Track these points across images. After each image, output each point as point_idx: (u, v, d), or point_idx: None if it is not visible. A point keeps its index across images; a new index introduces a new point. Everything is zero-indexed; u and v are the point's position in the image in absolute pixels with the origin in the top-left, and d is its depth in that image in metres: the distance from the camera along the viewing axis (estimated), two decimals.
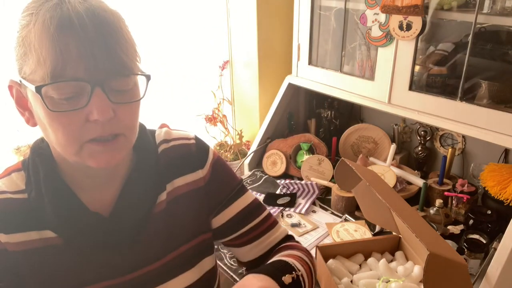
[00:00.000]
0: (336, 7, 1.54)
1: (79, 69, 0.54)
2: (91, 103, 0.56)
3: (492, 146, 1.17)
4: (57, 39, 0.52)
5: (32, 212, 0.64)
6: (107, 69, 0.56)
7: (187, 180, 0.77)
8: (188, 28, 1.79)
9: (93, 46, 0.54)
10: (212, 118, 1.92)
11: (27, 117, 0.64)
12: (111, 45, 0.56)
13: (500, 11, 1.10)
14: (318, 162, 1.58)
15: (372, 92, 1.41)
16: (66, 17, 0.53)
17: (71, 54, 0.53)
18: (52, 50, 0.53)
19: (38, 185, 0.65)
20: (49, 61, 0.53)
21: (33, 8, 0.56)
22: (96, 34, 0.54)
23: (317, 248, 1.09)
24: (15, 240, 0.63)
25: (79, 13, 0.54)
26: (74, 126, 0.57)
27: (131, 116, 0.62)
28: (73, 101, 0.56)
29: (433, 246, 0.70)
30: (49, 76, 0.54)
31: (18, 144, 1.49)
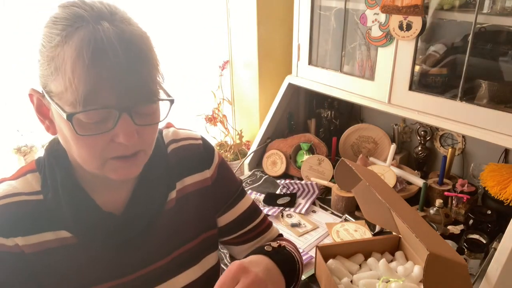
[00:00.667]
0: (336, 7, 1.54)
1: (110, 97, 0.56)
2: (118, 127, 0.58)
3: (492, 146, 1.17)
4: (91, 69, 0.54)
5: (47, 213, 0.66)
6: (136, 97, 0.58)
7: (195, 179, 0.81)
8: (188, 28, 1.79)
9: (125, 76, 0.55)
10: (212, 118, 1.92)
11: (47, 125, 0.65)
12: (141, 74, 0.57)
13: (500, 11, 1.10)
14: (318, 162, 1.58)
15: (372, 92, 1.41)
16: (100, 48, 0.54)
17: (103, 83, 0.55)
18: (85, 80, 0.54)
19: (55, 187, 0.66)
20: (81, 89, 0.54)
21: (64, 27, 0.56)
22: (128, 63, 0.55)
23: (317, 248, 1.09)
24: (31, 242, 0.64)
25: (113, 43, 0.54)
26: (99, 147, 0.59)
27: (152, 134, 0.65)
28: (100, 125, 0.58)
29: (433, 246, 0.70)
30: (80, 104, 0.55)
31: (18, 144, 1.49)
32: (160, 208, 0.74)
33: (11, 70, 1.40)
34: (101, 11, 0.57)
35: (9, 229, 0.63)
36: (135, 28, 0.59)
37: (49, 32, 0.57)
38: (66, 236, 0.67)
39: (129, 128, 0.58)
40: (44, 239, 0.65)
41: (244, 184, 1.63)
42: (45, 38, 0.58)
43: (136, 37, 0.58)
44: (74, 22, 0.56)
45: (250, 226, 0.88)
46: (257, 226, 0.89)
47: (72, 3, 0.59)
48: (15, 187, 0.66)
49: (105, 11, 0.58)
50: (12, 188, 0.66)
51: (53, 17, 0.58)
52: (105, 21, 0.56)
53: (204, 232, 0.83)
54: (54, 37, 0.56)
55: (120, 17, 0.59)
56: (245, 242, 0.89)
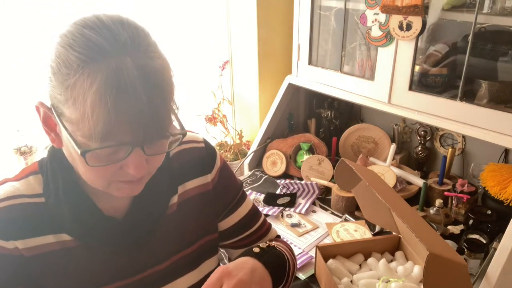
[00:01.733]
0: (336, 7, 1.54)
1: (126, 134, 0.55)
2: (129, 159, 0.57)
3: (492, 146, 1.17)
4: (112, 113, 0.52)
5: (49, 216, 0.66)
6: (151, 134, 0.57)
7: (197, 183, 0.80)
8: (188, 28, 1.79)
9: (144, 116, 0.54)
10: (212, 118, 1.92)
11: (52, 138, 0.63)
12: (160, 113, 0.56)
13: (500, 11, 1.10)
14: (318, 162, 1.58)
15: (372, 92, 1.41)
16: (123, 92, 0.52)
17: (122, 124, 0.53)
18: (104, 121, 0.52)
19: (57, 192, 0.66)
20: (99, 128, 0.53)
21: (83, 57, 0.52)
22: (149, 105, 0.54)
23: (317, 248, 1.09)
24: (31, 245, 0.64)
25: (135, 87, 0.53)
26: (107, 173, 0.59)
27: (160, 161, 0.64)
28: (111, 156, 0.57)
29: (433, 246, 0.70)
30: (95, 140, 0.54)
31: (18, 144, 1.49)
32: (161, 213, 0.74)
33: (11, 70, 1.40)
34: (125, 43, 0.54)
35: (9, 232, 0.63)
36: (156, 62, 0.57)
37: (65, 56, 0.53)
38: (66, 239, 0.66)
39: (140, 160, 0.58)
40: (44, 242, 0.65)
41: (244, 184, 1.63)
42: (59, 60, 0.54)
43: (157, 74, 0.56)
44: (95, 54, 0.52)
45: (251, 231, 0.89)
46: (257, 230, 0.90)
47: (91, 25, 0.55)
48: (18, 189, 0.66)
49: (128, 43, 0.54)
50: (14, 189, 0.66)
51: (70, 38, 0.54)
52: (128, 56, 0.53)
53: (205, 236, 0.82)
54: (72, 65, 0.53)
55: (143, 49, 0.56)
56: (245, 246, 0.89)
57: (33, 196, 0.66)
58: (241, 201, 0.88)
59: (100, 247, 0.68)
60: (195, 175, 0.80)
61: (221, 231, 0.86)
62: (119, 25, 0.56)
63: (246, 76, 1.90)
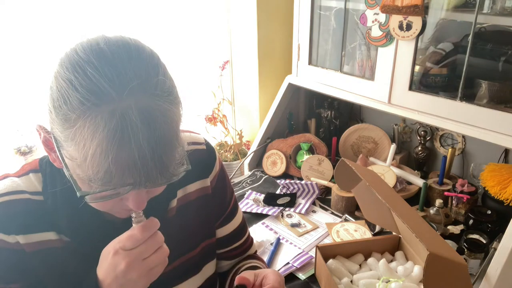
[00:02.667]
0: (336, 7, 1.54)
1: (128, 179, 0.53)
2: (130, 195, 0.57)
3: (492, 146, 1.17)
4: (113, 162, 0.51)
5: (47, 214, 0.66)
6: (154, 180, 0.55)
7: (197, 187, 0.80)
8: (188, 28, 1.79)
9: (147, 165, 0.52)
10: (212, 118, 1.92)
11: (53, 158, 0.61)
12: (163, 162, 0.54)
13: (500, 11, 1.10)
14: (318, 162, 1.58)
15: (372, 92, 1.41)
16: (126, 140, 0.50)
17: (124, 170, 0.52)
18: (106, 169, 0.51)
19: (54, 194, 0.66)
20: (100, 174, 0.51)
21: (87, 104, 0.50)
22: (152, 154, 0.52)
23: (317, 248, 1.09)
24: (32, 240, 0.64)
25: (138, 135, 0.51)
26: (108, 206, 0.60)
27: (160, 191, 0.64)
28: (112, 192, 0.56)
29: (433, 246, 0.70)
30: (96, 184, 0.52)
31: (18, 144, 1.49)
32: (161, 217, 0.71)
33: (11, 70, 1.40)
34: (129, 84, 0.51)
35: (11, 226, 0.63)
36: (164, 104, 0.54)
37: (66, 94, 0.51)
38: (65, 239, 0.67)
39: (140, 197, 0.58)
40: (46, 238, 0.65)
41: (244, 184, 1.63)
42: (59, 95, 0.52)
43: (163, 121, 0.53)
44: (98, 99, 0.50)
45: (239, 243, 0.90)
46: (244, 242, 0.91)
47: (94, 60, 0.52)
48: (19, 185, 0.66)
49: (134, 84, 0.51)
50: (16, 185, 0.65)
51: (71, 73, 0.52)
52: (133, 99, 0.51)
53: (205, 240, 0.82)
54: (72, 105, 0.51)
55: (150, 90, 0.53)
56: (229, 258, 0.90)
57: (34, 194, 0.66)
58: (236, 209, 0.88)
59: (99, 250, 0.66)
60: (196, 178, 0.79)
61: (218, 238, 0.86)
62: (125, 58, 0.53)
63: (246, 76, 1.90)
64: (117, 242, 0.59)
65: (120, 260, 0.58)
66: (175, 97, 0.57)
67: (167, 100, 0.55)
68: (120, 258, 0.58)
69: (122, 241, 0.59)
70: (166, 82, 0.56)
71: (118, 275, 0.58)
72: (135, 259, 0.58)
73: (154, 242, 0.60)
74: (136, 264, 0.58)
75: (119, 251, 0.58)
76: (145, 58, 0.55)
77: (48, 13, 1.39)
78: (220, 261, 0.90)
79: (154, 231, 0.60)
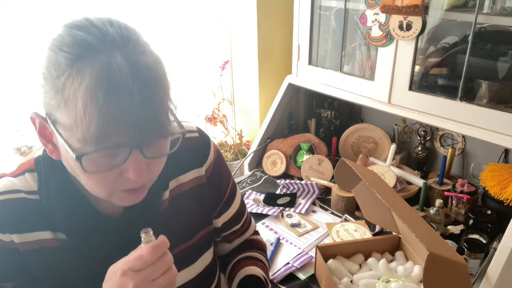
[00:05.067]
0: (336, 7, 1.54)
1: (122, 135, 0.53)
2: (128, 164, 0.55)
3: (492, 146, 1.17)
4: (104, 110, 0.50)
5: (45, 214, 0.65)
6: (148, 133, 0.55)
7: (191, 176, 0.78)
8: (188, 28, 1.79)
9: (138, 113, 0.52)
10: (212, 118, 1.92)
11: (50, 149, 0.61)
12: (154, 109, 0.54)
13: (500, 11, 1.10)
14: (318, 162, 1.58)
15: (372, 92, 1.41)
16: (114, 87, 0.50)
17: (116, 123, 0.51)
18: (98, 120, 0.50)
19: (49, 192, 0.65)
20: (93, 129, 0.51)
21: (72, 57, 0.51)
22: (142, 100, 0.52)
23: (317, 248, 1.09)
24: (27, 240, 0.64)
25: (127, 81, 0.51)
26: (108, 181, 0.57)
27: (161, 165, 0.63)
28: (109, 160, 0.55)
29: (433, 246, 0.70)
30: (90, 143, 0.52)
31: (18, 144, 1.49)
32: (155, 209, 0.73)
33: (11, 70, 1.40)
34: (113, 39, 0.53)
35: (6, 225, 0.63)
36: (148, 57, 0.55)
37: (55, 58, 0.52)
38: (64, 238, 0.66)
39: (139, 164, 0.56)
40: (41, 238, 0.65)
41: (244, 184, 1.63)
42: (49, 64, 0.53)
43: (150, 70, 0.54)
44: (84, 51, 0.51)
45: (238, 227, 0.91)
46: (243, 225, 0.92)
47: (79, 25, 0.54)
48: (15, 184, 0.66)
49: (117, 39, 0.53)
50: (12, 184, 0.66)
51: (58, 40, 0.53)
52: (118, 52, 0.52)
53: (201, 230, 0.82)
54: (61, 66, 0.51)
55: (133, 45, 0.54)
56: (229, 241, 0.92)
57: (29, 193, 0.66)
58: (234, 195, 0.88)
59: (96, 246, 0.67)
60: (189, 167, 0.78)
61: (218, 227, 0.87)
62: (108, 24, 0.54)
63: (246, 76, 1.90)
64: (125, 263, 0.58)
65: (128, 281, 0.57)
66: (160, 58, 0.58)
67: (152, 54, 0.56)
68: (128, 279, 0.57)
69: (130, 261, 0.57)
70: (149, 44, 0.58)
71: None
72: (143, 280, 0.57)
73: (163, 264, 0.59)
74: (144, 286, 0.57)
75: (128, 272, 0.57)
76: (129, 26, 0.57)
77: (48, 13, 1.39)
78: (221, 243, 0.91)
79: (163, 251, 0.59)
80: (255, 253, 0.94)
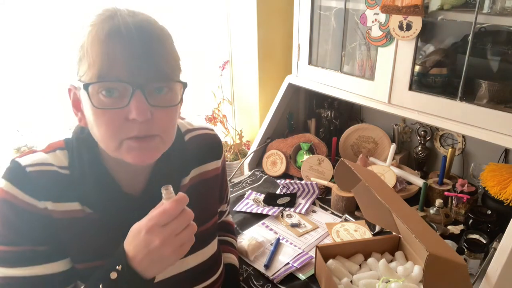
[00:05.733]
0: (336, 7, 1.54)
1: (123, 72, 0.61)
2: (131, 104, 0.62)
3: (492, 146, 1.17)
4: (106, 45, 0.60)
5: (75, 187, 0.72)
6: (147, 74, 0.62)
7: (212, 167, 0.89)
8: (188, 28, 1.79)
9: (137, 54, 0.61)
10: (212, 118, 1.92)
11: (79, 117, 0.71)
12: (153, 54, 0.63)
13: (500, 11, 1.10)
14: (318, 162, 1.58)
15: (372, 92, 1.41)
16: (116, 27, 0.61)
17: (117, 59, 0.60)
18: (101, 54, 0.60)
19: (82, 166, 0.72)
20: (97, 63, 0.60)
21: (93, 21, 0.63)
22: (141, 43, 0.61)
23: (317, 248, 1.09)
24: (59, 209, 0.70)
25: (128, 24, 0.61)
26: (115, 124, 0.64)
27: (167, 118, 0.68)
28: (115, 101, 0.63)
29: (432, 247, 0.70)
30: (96, 76, 0.61)
31: (18, 144, 1.49)
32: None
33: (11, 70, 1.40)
34: (125, 11, 0.65)
35: (42, 193, 0.69)
36: (153, 20, 0.66)
37: (82, 26, 0.64)
38: (88, 211, 0.72)
39: (141, 105, 0.62)
40: (71, 208, 0.71)
41: (244, 184, 1.63)
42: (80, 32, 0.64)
43: (153, 26, 0.64)
44: (101, 15, 0.63)
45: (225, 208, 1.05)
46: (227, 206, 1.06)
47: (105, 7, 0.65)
48: (48, 159, 0.72)
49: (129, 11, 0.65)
50: (45, 158, 0.72)
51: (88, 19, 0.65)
52: (126, 14, 0.63)
53: (214, 216, 0.91)
54: (84, 28, 0.63)
55: (142, 15, 0.65)
56: None
57: (61, 168, 0.72)
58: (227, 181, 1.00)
59: (118, 221, 0.72)
60: (210, 159, 0.89)
61: None
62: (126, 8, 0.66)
63: (246, 76, 1.90)
64: (149, 220, 0.62)
65: (154, 238, 0.61)
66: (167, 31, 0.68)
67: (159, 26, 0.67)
68: (154, 236, 0.61)
69: (154, 217, 0.61)
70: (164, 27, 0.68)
71: (152, 251, 0.61)
72: (169, 235, 0.61)
73: (185, 218, 0.63)
74: (170, 240, 0.61)
75: (154, 227, 0.61)
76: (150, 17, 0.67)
77: (48, 14, 1.39)
78: None
79: (185, 205, 0.63)
80: (228, 237, 1.08)
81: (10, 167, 0.69)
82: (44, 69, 1.45)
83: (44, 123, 1.51)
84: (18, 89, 1.42)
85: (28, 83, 1.44)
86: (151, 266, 0.62)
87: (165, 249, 0.61)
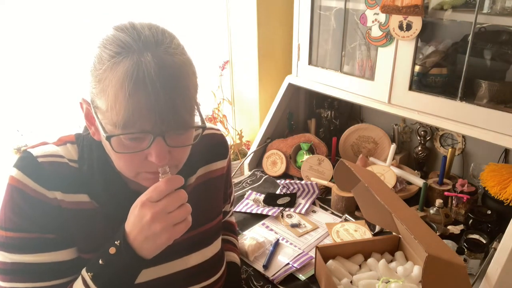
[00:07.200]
0: (336, 7, 1.54)
1: (146, 123, 0.62)
2: (152, 149, 0.64)
3: (492, 146, 1.17)
4: (130, 100, 0.60)
5: (84, 180, 0.74)
6: (169, 125, 0.63)
7: (218, 166, 0.91)
8: (188, 28, 1.79)
9: (161, 107, 0.61)
10: (212, 118, 1.92)
11: (93, 131, 0.72)
12: (176, 105, 0.62)
13: (500, 11, 1.10)
14: (318, 162, 1.58)
15: (372, 92, 1.41)
16: (141, 81, 0.59)
17: (141, 112, 0.61)
18: (125, 108, 0.60)
19: (91, 162, 0.74)
20: (121, 115, 0.60)
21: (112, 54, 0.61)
22: (164, 95, 0.60)
23: (317, 249, 1.09)
24: (69, 199, 0.72)
25: (152, 77, 0.60)
26: (134, 163, 0.66)
27: (184, 154, 0.71)
28: (136, 144, 0.64)
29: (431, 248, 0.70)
30: (119, 127, 0.61)
31: (18, 144, 1.49)
32: None
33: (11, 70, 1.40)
34: (148, 41, 0.62)
35: (52, 183, 0.71)
36: (176, 58, 0.63)
37: (100, 54, 0.63)
38: (96, 205, 0.74)
39: (161, 150, 0.64)
40: (79, 200, 0.73)
41: (244, 184, 1.63)
42: (96, 58, 0.63)
43: (175, 70, 0.63)
44: (121, 49, 0.61)
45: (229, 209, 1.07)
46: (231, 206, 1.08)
47: (122, 27, 0.64)
48: (59, 151, 0.74)
49: (151, 41, 0.62)
50: (56, 150, 0.74)
51: (104, 39, 0.64)
52: (149, 52, 0.61)
53: (219, 215, 0.93)
54: (103, 60, 0.62)
55: (165, 47, 0.63)
56: None
57: (71, 161, 0.74)
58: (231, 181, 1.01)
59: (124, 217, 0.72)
60: (217, 158, 0.91)
61: None
62: (147, 27, 0.64)
63: (246, 76, 1.90)
64: (143, 195, 0.65)
65: (146, 211, 0.64)
66: (188, 58, 0.68)
67: (181, 56, 0.65)
68: (146, 209, 0.64)
69: (147, 193, 0.65)
70: (182, 47, 0.68)
71: (144, 226, 0.64)
72: (160, 210, 0.63)
73: (177, 197, 0.65)
74: (160, 216, 0.63)
75: (146, 202, 0.64)
76: (165, 30, 0.67)
77: (48, 14, 1.39)
78: None
79: (178, 186, 0.65)
80: (230, 237, 1.09)
81: (22, 156, 0.72)
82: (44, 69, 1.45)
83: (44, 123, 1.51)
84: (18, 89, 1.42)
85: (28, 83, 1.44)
86: (145, 243, 0.65)
87: (156, 225, 0.63)
